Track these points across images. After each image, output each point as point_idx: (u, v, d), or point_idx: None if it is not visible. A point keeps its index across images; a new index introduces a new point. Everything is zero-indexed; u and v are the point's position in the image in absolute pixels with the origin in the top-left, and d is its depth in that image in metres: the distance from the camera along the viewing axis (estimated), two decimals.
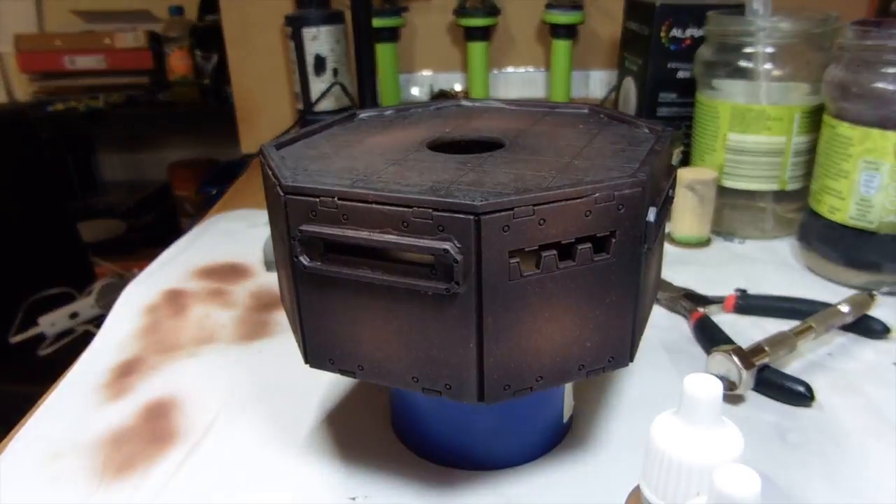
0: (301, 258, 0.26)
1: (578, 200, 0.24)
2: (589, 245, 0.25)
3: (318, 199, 0.25)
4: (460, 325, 0.25)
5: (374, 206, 0.24)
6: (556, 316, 0.26)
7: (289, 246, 0.26)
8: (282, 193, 0.26)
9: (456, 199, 0.23)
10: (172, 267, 0.53)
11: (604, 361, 0.27)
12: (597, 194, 0.25)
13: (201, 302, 0.48)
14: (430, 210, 0.23)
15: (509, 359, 0.25)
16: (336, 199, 0.25)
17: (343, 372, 0.28)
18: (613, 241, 0.25)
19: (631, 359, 0.28)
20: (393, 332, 0.26)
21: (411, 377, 0.26)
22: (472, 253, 0.24)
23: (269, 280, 0.52)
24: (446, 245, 0.23)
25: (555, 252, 0.25)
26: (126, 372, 0.41)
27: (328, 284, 0.26)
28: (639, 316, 0.28)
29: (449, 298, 0.24)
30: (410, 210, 0.24)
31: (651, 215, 0.26)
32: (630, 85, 0.69)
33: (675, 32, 0.62)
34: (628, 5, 0.71)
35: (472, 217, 0.23)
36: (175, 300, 0.48)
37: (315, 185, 0.25)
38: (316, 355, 0.28)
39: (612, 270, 0.26)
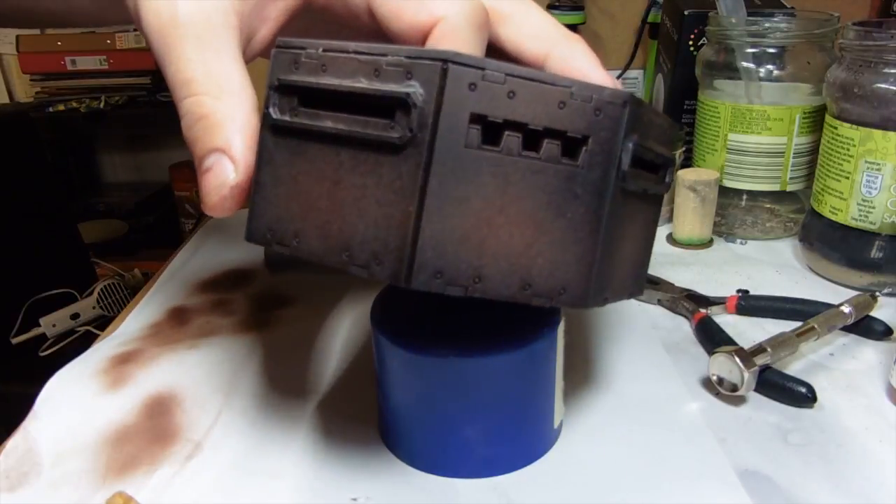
0: (271, 109, 0.26)
1: (554, 87, 0.24)
2: (557, 143, 0.24)
3: (303, 51, 0.26)
4: (405, 184, 0.23)
5: (352, 55, 0.24)
6: (507, 210, 0.24)
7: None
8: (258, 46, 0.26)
9: (428, 49, 0.23)
10: (174, 283, 0.53)
11: (554, 291, 0.25)
12: (574, 88, 0.24)
13: (204, 315, 0.48)
14: (403, 57, 0.23)
15: (447, 240, 0.24)
16: (320, 49, 0.25)
17: (279, 245, 0.27)
18: (584, 148, 0.24)
19: (586, 302, 0.26)
20: (336, 199, 0.25)
21: (343, 253, 0.25)
22: (433, 102, 0.23)
23: (271, 282, 0.52)
24: (409, 89, 0.23)
25: (519, 136, 0.24)
26: (124, 360, 0.41)
27: (289, 143, 0.26)
28: (603, 257, 0.26)
29: (400, 151, 0.23)
30: (385, 58, 0.24)
31: (630, 142, 0.25)
32: (660, 84, 0.69)
33: (704, 41, 0.62)
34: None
35: (440, 64, 0.23)
36: (178, 316, 0.48)
37: (302, 39, 0.26)
38: (257, 227, 0.27)
39: (576, 182, 0.24)
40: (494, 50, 0.31)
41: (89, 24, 0.49)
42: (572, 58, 0.31)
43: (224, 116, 0.27)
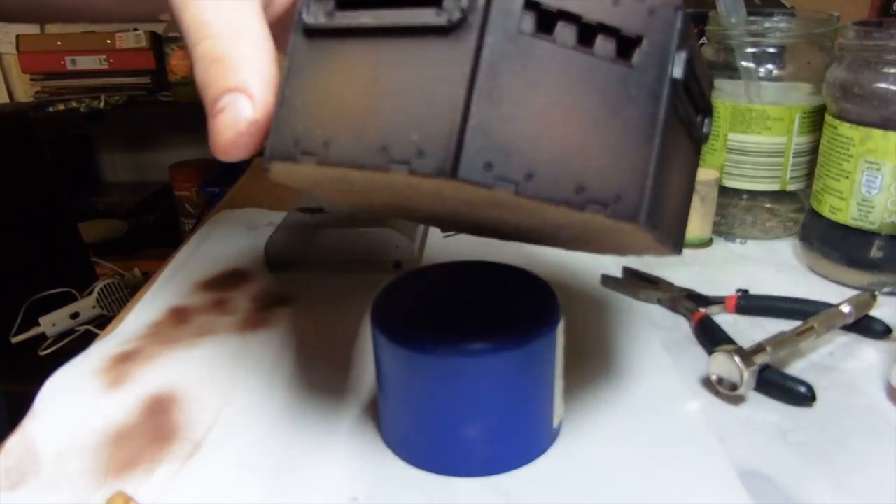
0: (304, 14, 0.24)
1: None
2: (612, 40, 0.23)
3: None
4: (453, 71, 0.22)
5: None
6: (561, 104, 0.23)
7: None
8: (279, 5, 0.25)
9: None
10: (174, 283, 0.53)
11: (610, 197, 0.24)
12: None
13: (204, 314, 0.48)
14: None
15: (499, 130, 0.22)
16: None
17: (305, 154, 0.24)
18: (638, 48, 0.23)
19: (640, 216, 0.24)
20: (374, 96, 0.23)
21: (380, 146, 0.23)
22: None
23: (271, 281, 0.52)
24: None
25: (573, 28, 0.23)
26: (124, 359, 0.41)
27: (323, 46, 0.25)
28: (658, 172, 0.24)
29: (448, 34, 0.22)
30: None
31: (683, 52, 0.24)
32: None
33: (703, 41, 0.62)
34: None
35: None
36: (178, 316, 0.48)
37: None
38: (280, 142, 0.25)
39: (631, 83, 0.23)
40: None
41: (109, 19, 0.48)
42: None
43: (241, 58, 0.25)
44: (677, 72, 0.24)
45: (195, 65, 0.25)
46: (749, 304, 0.45)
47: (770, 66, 0.54)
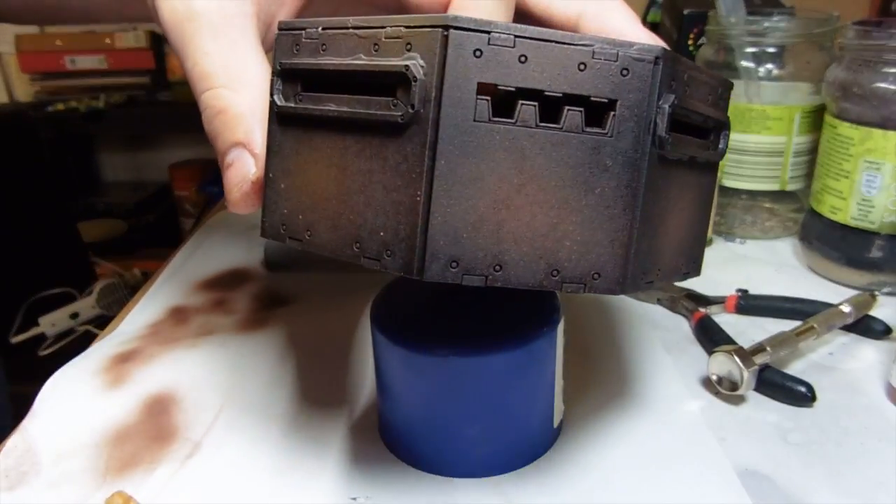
0: (275, 96, 0.25)
1: (572, 46, 0.21)
2: (580, 110, 0.22)
3: (303, 31, 0.25)
4: (411, 167, 0.22)
5: (351, 30, 0.23)
6: (526, 189, 0.22)
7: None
8: (276, 31, 0.26)
9: (427, 16, 0.22)
10: (174, 283, 0.53)
11: (586, 275, 0.23)
12: (595, 46, 0.21)
13: (204, 314, 0.48)
14: (402, 27, 0.22)
15: (461, 226, 0.22)
16: (320, 28, 0.24)
17: (292, 240, 0.25)
18: (612, 114, 0.22)
19: (623, 288, 0.23)
20: (344, 187, 0.23)
21: (354, 245, 0.23)
22: (435, 74, 0.21)
23: (270, 281, 0.52)
24: (409, 62, 0.21)
25: (535, 105, 0.21)
26: (124, 359, 0.41)
27: (295, 132, 0.25)
28: (643, 236, 0.23)
29: (404, 131, 0.22)
30: (384, 30, 0.22)
31: (666, 103, 0.22)
32: None
33: (703, 41, 0.62)
34: None
35: (439, 30, 0.21)
36: (178, 316, 0.48)
37: (304, 19, 0.25)
38: (271, 223, 0.26)
39: (605, 152, 0.22)
40: (523, 16, 0.29)
41: (107, 20, 0.48)
42: (607, 16, 0.28)
43: (243, 109, 0.26)
44: (661, 126, 0.23)
45: (202, 112, 0.27)
46: (749, 304, 0.45)
47: (770, 66, 0.54)
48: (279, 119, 0.26)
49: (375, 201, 0.23)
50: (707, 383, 0.38)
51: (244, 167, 0.26)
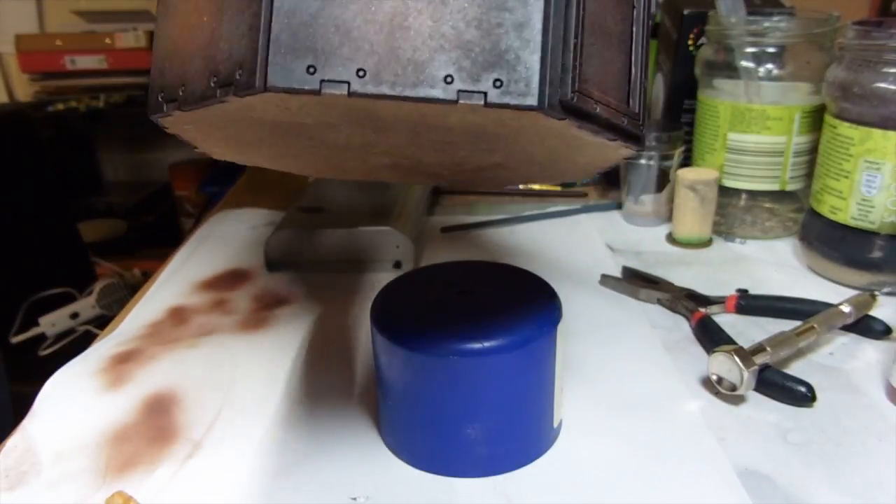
0: None
1: None
2: None
3: None
4: None
5: None
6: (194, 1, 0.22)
7: None
8: None
9: None
10: (174, 283, 0.53)
11: (232, 73, 0.21)
12: None
13: (204, 314, 0.48)
14: None
15: (164, 56, 0.23)
16: None
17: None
18: None
19: (256, 83, 0.20)
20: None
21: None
22: None
23: (270, 281, 0.52)
24: None
25: None
26: (124, 359, 0.41)
27: None
28: (293, 19, 0.20)
29: None
30: None
31: None
32: (660, 83, 0.69)
33: (703, 41, 0.62)
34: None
35: None
36: (177, 316, 0.48)
37: None
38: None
39: None
40: None
41: None
42: None
43: None
44: None
45: None
46: (749, 304, 0.45)
47: (770, 66, 0.54)
48: None
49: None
50: (707, 383, 0.38)
51: None
